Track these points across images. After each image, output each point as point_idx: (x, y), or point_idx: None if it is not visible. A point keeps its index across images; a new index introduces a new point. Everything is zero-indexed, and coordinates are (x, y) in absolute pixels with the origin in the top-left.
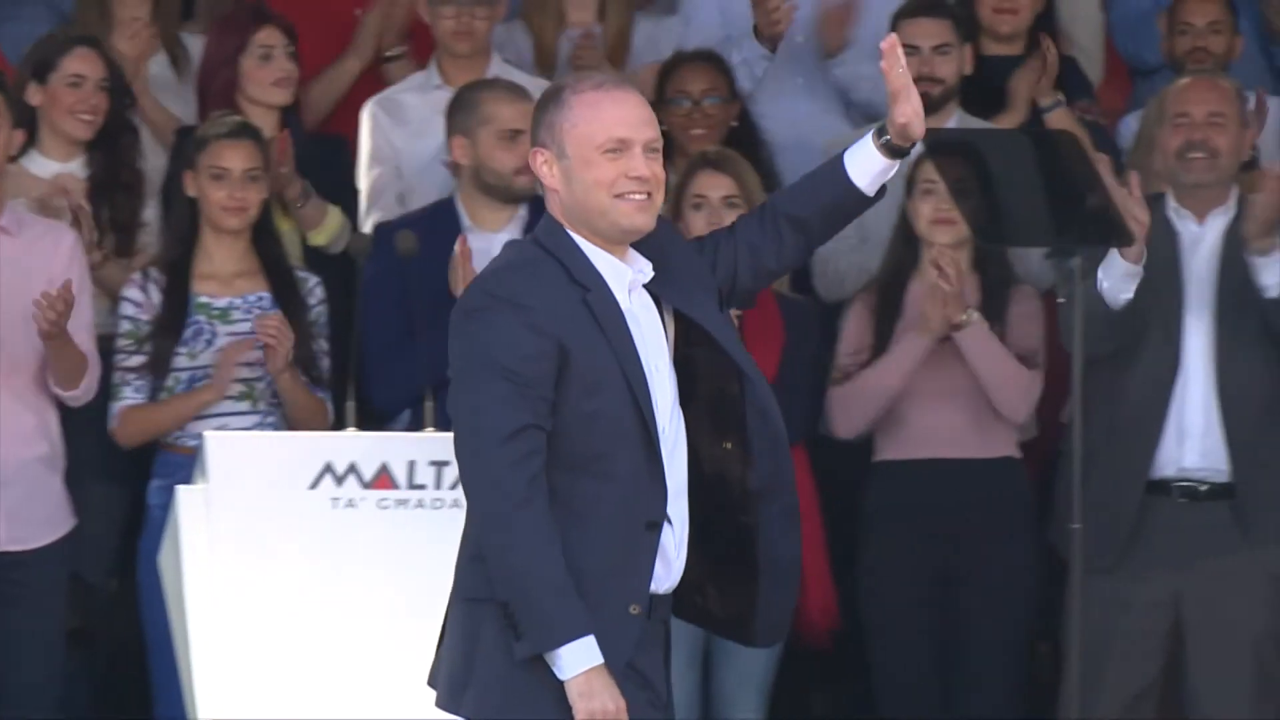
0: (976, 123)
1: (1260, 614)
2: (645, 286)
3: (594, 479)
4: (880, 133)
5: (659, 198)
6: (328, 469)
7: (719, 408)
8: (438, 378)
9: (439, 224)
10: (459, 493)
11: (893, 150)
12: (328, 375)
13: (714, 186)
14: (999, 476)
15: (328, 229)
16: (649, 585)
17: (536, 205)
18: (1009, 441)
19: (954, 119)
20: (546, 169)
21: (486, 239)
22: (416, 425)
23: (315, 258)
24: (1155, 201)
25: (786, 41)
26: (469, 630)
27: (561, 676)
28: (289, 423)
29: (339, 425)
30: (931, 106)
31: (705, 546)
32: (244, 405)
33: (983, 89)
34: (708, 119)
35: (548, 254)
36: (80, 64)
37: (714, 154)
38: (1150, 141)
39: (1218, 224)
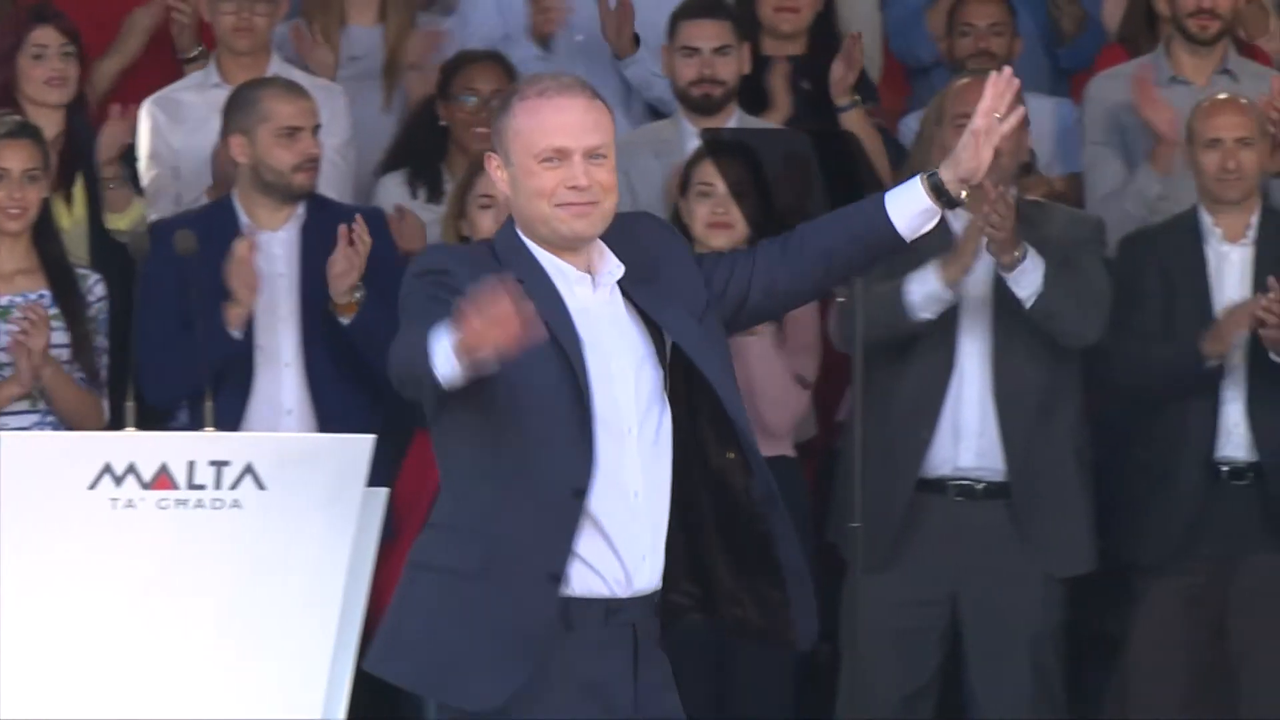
0: (756, 122)
1: (1036, 614)
2: (621, 286)
3: (518, 448)
4: (931, 174)
5: (608, 203)
6: (106, 469)
7: (716, 418)
8: (210, 368)
9: (216, 222)
10: (239, 493)
11: (940, 193)
12: (106, 373)
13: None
14: (774, 476)
15: (130, 215)
16: (568, 551)
17: (314, 203)
18: (784, 441)
19: (734, 119)
20: (498, 174)
21: (265, 237)
22: (196, 425)
23: (106, 246)
24: None
25: (566, 41)
26: (403, 593)
27: (442, 370)
28: (63, 421)
29: (118, 425)
30: (712, 107)
31: (731, 557)
32: (24, 404)
33: (763, 89)
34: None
35: (490, 251)
36: None
37: None
38: (929, 141)
39: None
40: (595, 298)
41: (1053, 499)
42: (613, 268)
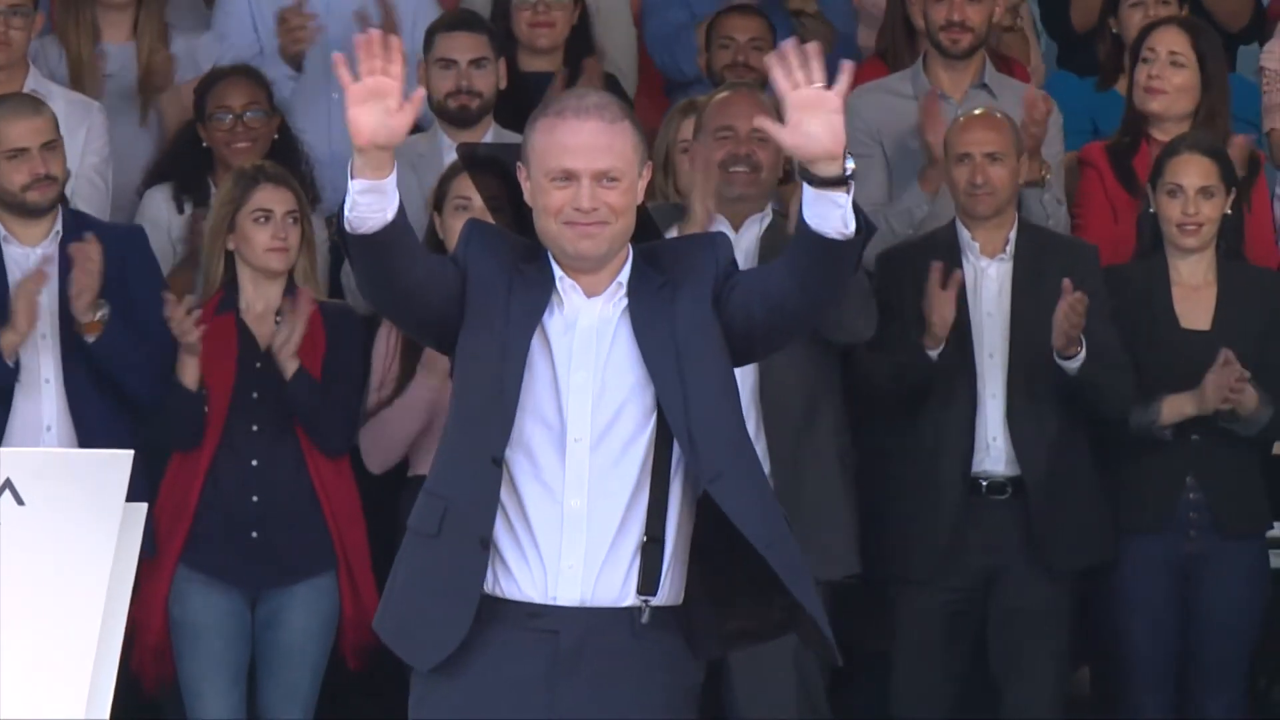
0: (512, 137)
1: None
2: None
3: (458, 412)
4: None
5: (619, 224)
6: None
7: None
8: None
9: None
10: None
11: (808, 177)
12: None
13: (277, 201)
14: None
15: None
16: (493, 521)
17: (73, 220)
18: None
19: (490, 133)
20: (526, 185)
21: (24, 252)
22: None
23: None
24: (682, 211)
25: (323, 56)
26: (398, 554)
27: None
28: None
29: None
30: (469, 120)
31: (731, 572)
32: None
33: (520, 104)
34: (250, 132)
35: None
36: None
37: (271, 169)
38: (667, 150)
39: (752, 231)
40: (591, 310)
41: (815, 507)
42: (615, 286)
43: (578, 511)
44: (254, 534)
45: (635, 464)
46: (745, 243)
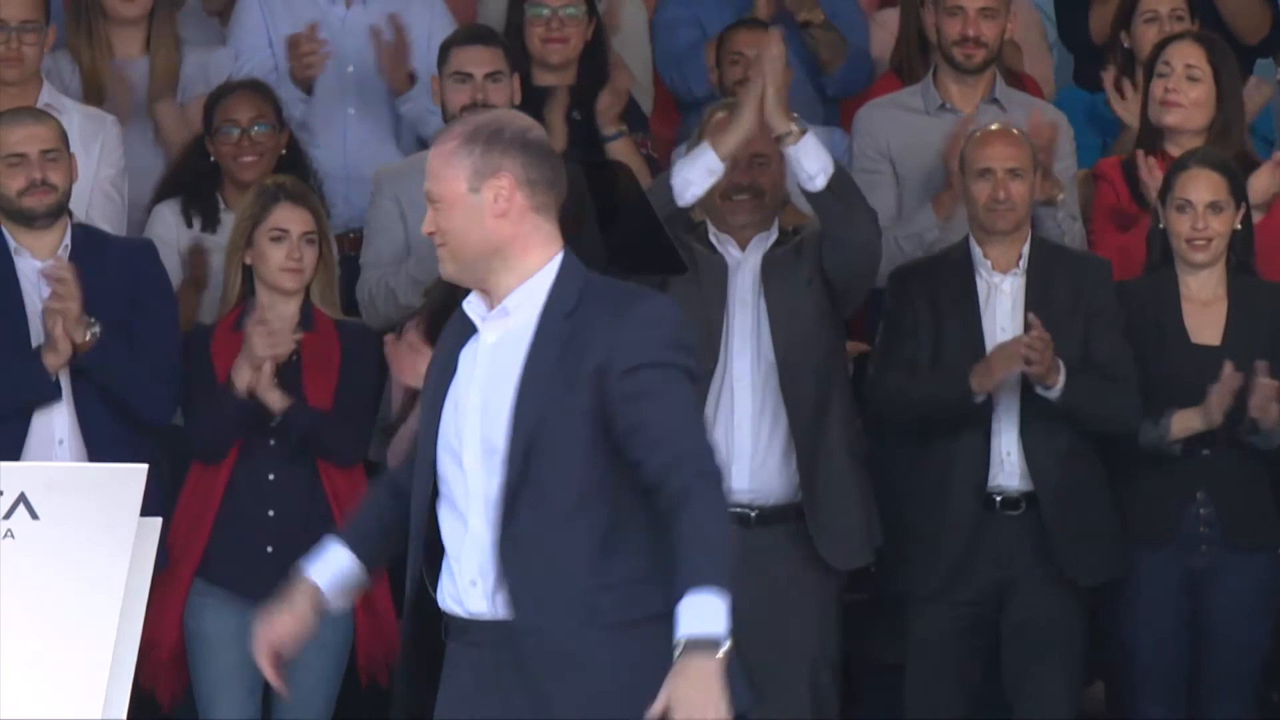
0: None
1: (814, 636)
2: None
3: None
4: None
5: (452, 243)
6: None
7: None
8: (13, 406)
9: None
10: (12, 522)
11: None
12: None
13: (294, 220)
14: None
15: None
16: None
17: (82, 233)
18: None
19: None
20: None
21: (34, 265)
22: None
23: None
24: (694, 225)
25: (337, 72)
26: None
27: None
28: None
29: None
30: None
31: None
32: None
33: (535, 120)
34: (256, 146)
35: None
36: None
37: (291, 187)
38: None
39: (758, 251)
40: (492, 333)
41: (830, 493)
42: (500, 311)
43: (473, 530)
44: (269, 548)
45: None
46: (751, 262)
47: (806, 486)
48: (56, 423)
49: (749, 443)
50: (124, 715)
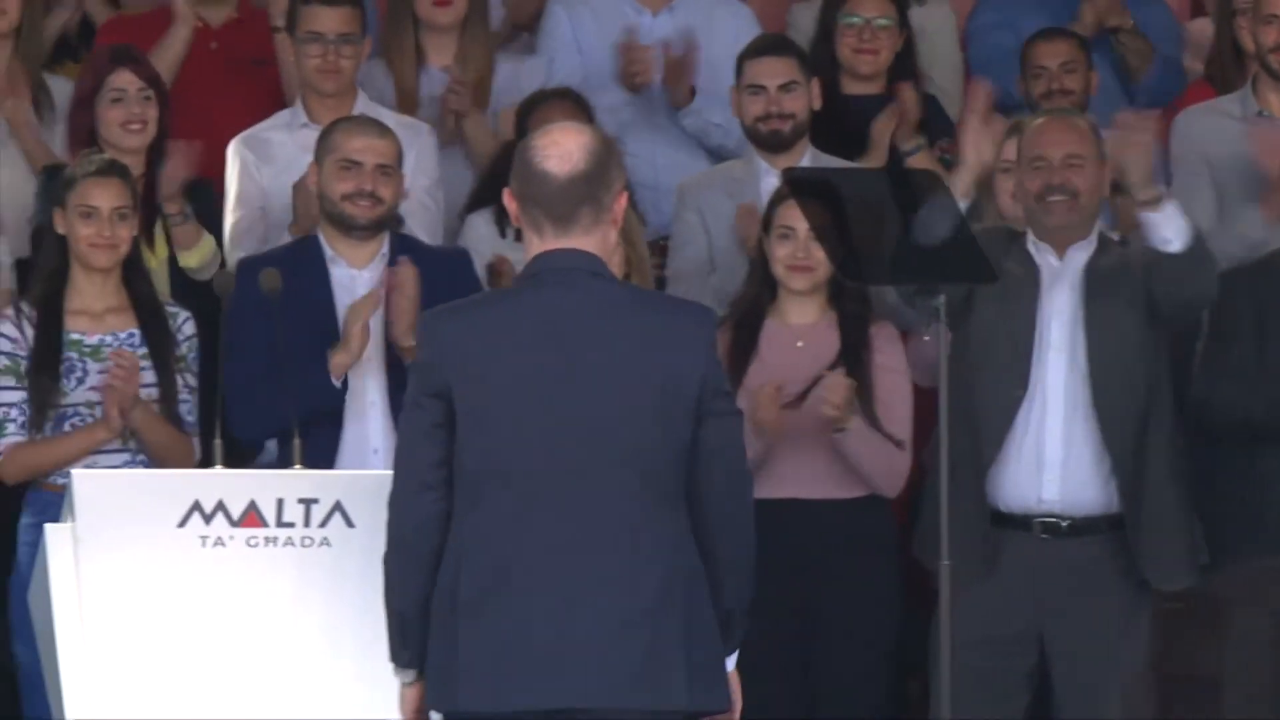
0: (829, 160)
1: (1126, 651)
2: None
3: None
4: None
5: None
6: (196, 507)
7: None
8: (304, 413)
9: (303, 259)
10: (328, 530)
11: None
12: (195, 412)
13: None
14: (862, 515)
15: (200, 251)
16: None
17: (399, 243)
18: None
19: (806, 157)
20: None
21: (351, 274)
22: (285, 463)
23: (186, 286)
24: (1014, 235)
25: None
26: None
27: None
28: (153, 459)
29: (206, 463)
30: (783, 144)
31: None
32: (115, 443)
33: (843, 128)
34: None
35: None
36: None
37: None
38: (990, 178)
39: (1080, 256)
40: None
41: (1158, 532)
42: None
43: None
44: None
45: None
46: (1071, 269)
47: (1128, 503)
48: (372, 431)
49: (1060, 452)
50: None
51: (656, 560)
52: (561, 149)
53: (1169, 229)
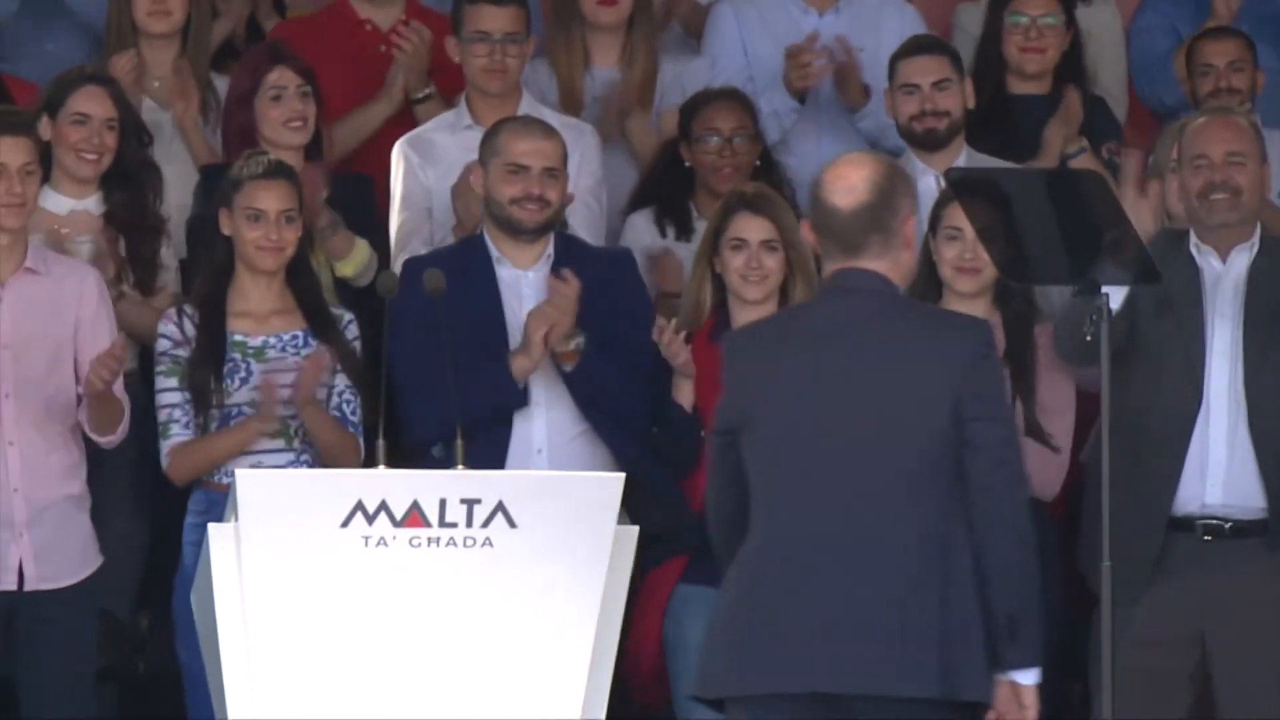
0: (984, 160)
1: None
2: None
3: None
4: None
5: None
6: (359, 507)
7: None
8: (471, 416)
9: (469, 259)
10: (491, 530)
11: None
12: (359, 412)
13: (753, 229)
14: None
15: (355, 260)
16: None
17: (564, 243)
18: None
19: (962, 156)
20: None
21: (515, 275)
22: (448, 463)
23: (343, 291)
24: (1178, 237)
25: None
26: None
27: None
28: (321, 459)
29: (369, 463)
30: (938, 143)
31: None
32: (279, 443)
33: (1008, 127)
34: (737, 157)
35: None
36: (87, 102)
37: (751, 195)
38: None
39: (1242, 259)
40: None
41: None
42: None
43: None
44: None
45: None
46: (1234, 273)
47: (1273, 504)
48: (536, 432)
49: (1224, 455)
50: (602, 717)
51: (916, 552)
52: (846, 182)
53: None
